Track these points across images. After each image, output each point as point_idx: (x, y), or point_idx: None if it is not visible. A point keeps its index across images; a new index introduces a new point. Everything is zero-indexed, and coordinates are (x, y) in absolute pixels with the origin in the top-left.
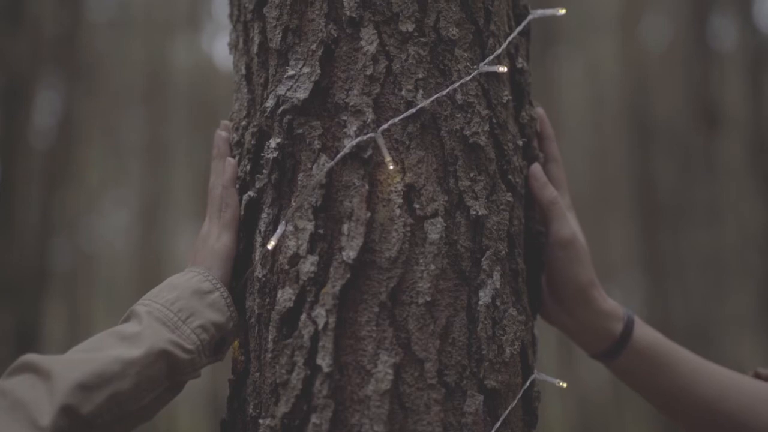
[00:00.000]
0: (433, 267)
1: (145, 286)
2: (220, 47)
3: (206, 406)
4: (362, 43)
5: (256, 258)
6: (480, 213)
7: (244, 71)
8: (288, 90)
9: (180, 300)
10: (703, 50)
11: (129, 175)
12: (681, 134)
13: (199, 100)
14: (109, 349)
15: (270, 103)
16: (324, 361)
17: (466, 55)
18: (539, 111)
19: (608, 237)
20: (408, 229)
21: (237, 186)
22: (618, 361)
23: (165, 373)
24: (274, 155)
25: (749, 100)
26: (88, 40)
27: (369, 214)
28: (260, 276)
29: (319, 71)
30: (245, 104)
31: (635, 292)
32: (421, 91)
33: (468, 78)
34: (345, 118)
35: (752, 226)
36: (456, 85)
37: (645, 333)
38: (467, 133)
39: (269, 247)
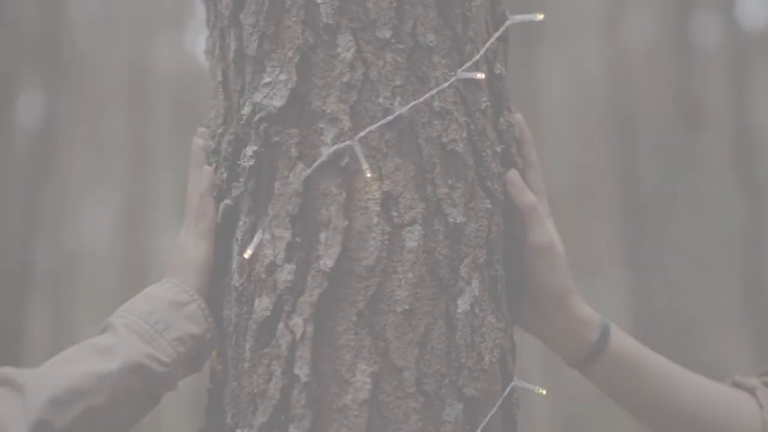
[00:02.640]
0: (411, 275)
1: (130, 286)
2: (203, 46)
3: (191, 414)
4: (339, 49)
5: (233, 267)
6: (458, 220)
7: (220, 78)
8: (264, 97)
9: (156, 312)
10: (687, 48)
11: (113, 175)
12: (665, 132)
13: (183, 99)
14: (84, 362)
15: (246, 110)
16: (302, 371)
17: (443, 61)
18: (518, 117)
19: (592, 235)
20: (386, 237)
21: (214, 194)
22: (594, 368)
23: (141, 386)
24: (251, 163)
25: (732, 98)
26: (70, 39)
27: (346, 223)
28: (237, 285)
29: (295, 78)
30: (222, 111)
31: (619, 289)
32: (398, 98)
33: (446, 85)
34: (322, 125)
35: (736, 223)
36: (434, 92)
37: (621, 341)
38: (445, 140)
39: (246, 255)
